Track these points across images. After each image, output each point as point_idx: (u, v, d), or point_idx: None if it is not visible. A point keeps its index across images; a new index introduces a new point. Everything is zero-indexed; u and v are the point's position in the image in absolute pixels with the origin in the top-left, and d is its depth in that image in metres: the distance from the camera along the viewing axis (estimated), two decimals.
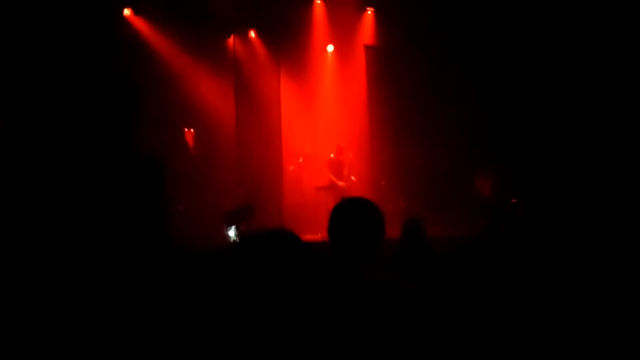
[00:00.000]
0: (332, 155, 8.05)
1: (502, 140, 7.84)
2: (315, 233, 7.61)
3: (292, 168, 8.80)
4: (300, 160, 8.78)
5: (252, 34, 8.75)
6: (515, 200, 7.47)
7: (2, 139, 4.72)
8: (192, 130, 8.21)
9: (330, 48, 9.23)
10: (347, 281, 1.62)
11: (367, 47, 9.13)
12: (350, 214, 1.71)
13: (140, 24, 7.77)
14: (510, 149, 7.73)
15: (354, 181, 8.01)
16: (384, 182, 8.59)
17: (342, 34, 9.07)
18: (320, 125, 9.14)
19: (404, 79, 8.62)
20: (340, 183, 7.82)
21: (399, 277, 1.75)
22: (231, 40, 8.60)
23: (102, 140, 5.15)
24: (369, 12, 9.10)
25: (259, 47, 8.76)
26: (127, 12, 7.67)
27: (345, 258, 1.68)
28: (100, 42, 6.55)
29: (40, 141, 4.88)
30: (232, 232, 7.57)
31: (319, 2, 8.91)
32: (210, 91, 8.22)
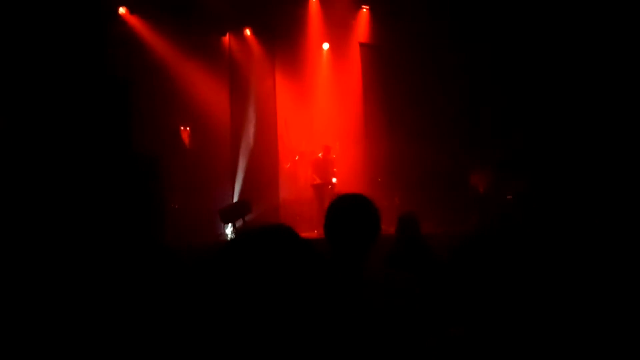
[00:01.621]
0: (319, 155, 8.09)
1: (497, 137, 7.88)
2: (311, 230, 7.64)
3: (288, 166, 8.82)
4: (297, 157, 8.80)
5: (248, 32, 8.74)
6: (510, 197, 7.52)
7: None
8: (187, 128, 8.20)
9: (325, 46, 9.24)
10: (345, 277, 1.63)
11: (363, 45, 9.15)
12: (347, 210, 1.72)
13: (136, 23, 7.76)
14: (506, 146, 7.77)
15: (335, 183, 8.06)
16: (379, 179, 8.63)
17: (338, 32, 9.09)
18: (315, 123, 9.15)
19: (399, 76, 8.65)
20: (318, 181, 7.89)
21: (396, 273, 1.77)
22: (226, 38, 8.59)
23: (97, 138, 5.15)
24: (364, 10, 9.12)
25: (255, 45, 8.76)
26: (122, 10, 7.65)
27: (342, 254, 1.69)
28: (96, 41, 6.52)
29: (35, 139, 4.87)
30: (228, 230, 7.59)
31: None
32: (205, 89, 8.21)
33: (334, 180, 8.06)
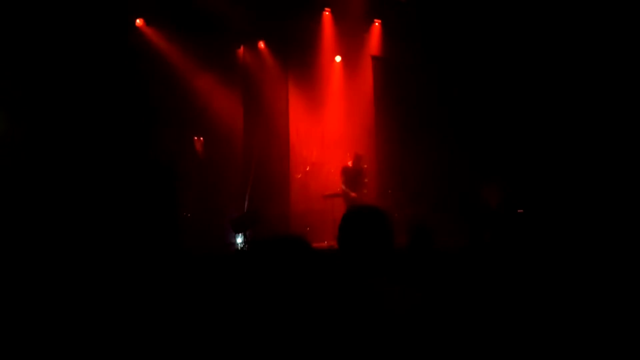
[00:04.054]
0: (349, 164, 7.88)
1: (509, 150, 7.86)
2: (322, 241, 7.66)
3: (299, 176, 8.87)
4: (307, 168, 8.85)
5: (262, 44, 8.87)
6: (521, 211, 7.47)
7: (19, 144, 4.84)
8: (201, 138, 8.30)
9: (337, 59, 9.33)
10: (356, 290, 1.64)
11: (374, 58, 9.22)
12: (360, 222, 1.71)
13: (152, 34, 7.90)
14: (518, 160, 7.74)
15: (366, 193, 7.80)
16: (390, 191, 8.64)
17: (350, 45, 9.17)
18: (327, 135, 9.22)
19: (410, 89, 8.69)
20: (353, 194, 7.62)
21: (408, 285, 1.77)
22: (241, 50, 8.72)
23: (115, 146, 5.26)
24: (377, 24, 9.21)
25: (268, 58, 8.87)
26: (139, 22, 7.79)
27: (354, 266, 1.67)
28: (112, 52, 6.67)
29: (55, 147, 4.98)
30: (238, 239, 7.63)
31: (327, 13, 9.03)
32: (219, 100, 8.31)
33: (365, 191, 7.73)
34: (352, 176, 7.77)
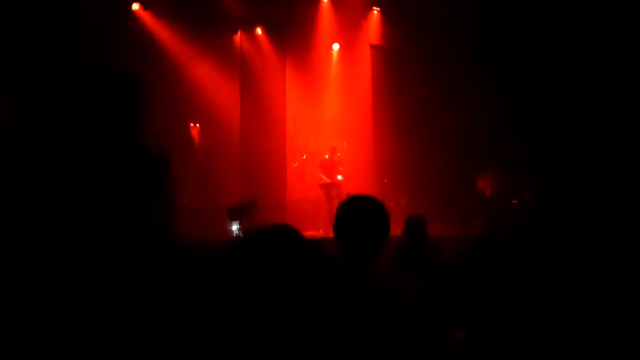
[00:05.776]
0: (326, 157, 8.07)
1: (505, 140, 7.88)
2: (317, 229, 7.68)
3: (295, 165, 8.86)
4: (304, 157, 8.84)
5: (259, 30, 8.79)
6: (516, 202, 7.51)
7: (8, 131, 4.80)
8: (197, 125, 8.26)
9: (336, 46, 9.27)
10: (352, 278, 1.65)
11: (373, 46, 9.17)
12: (357, 211, 1.72)
13: (149, 19, 7.82)
14: (514, 150, 7.76)
15: (341, 180, 7.97)
16: (386, 180, 8.65)
17: (348, 33, 9.11)
18: (324, 123, 9.19)
19: (409, 78, 8.66)
20: (328, 180, 7.87)
21: (402, 273, 1.78)
22: (238, 36, 8.64)
23: (108, 134, 5.23)
24: (375, 12, 9.14)
25: (266, 44, 8.80)
26: (135, 6, 7.71)
27: (350, 255, 1.69)
28: (109, 37, 6.59)
29: (47, 135, 4.94)
30: (234, 227, 7.64)
31: (325, 0, 8.95)
32: (216, 87, 8.27)
33: (340, 177, 7.98)
34: (329, 167, 7.97)
